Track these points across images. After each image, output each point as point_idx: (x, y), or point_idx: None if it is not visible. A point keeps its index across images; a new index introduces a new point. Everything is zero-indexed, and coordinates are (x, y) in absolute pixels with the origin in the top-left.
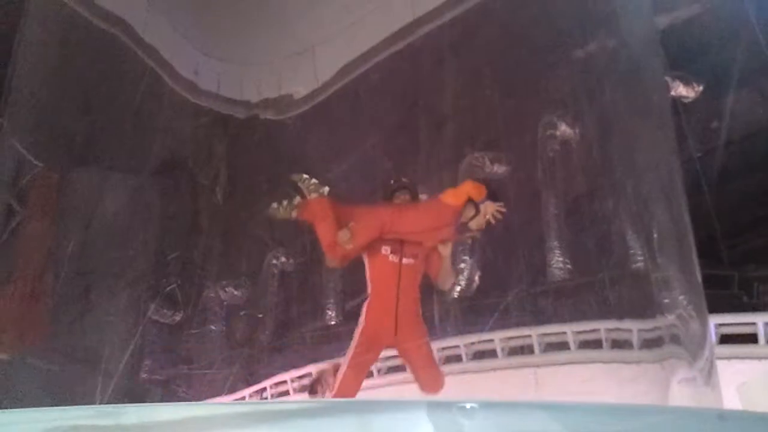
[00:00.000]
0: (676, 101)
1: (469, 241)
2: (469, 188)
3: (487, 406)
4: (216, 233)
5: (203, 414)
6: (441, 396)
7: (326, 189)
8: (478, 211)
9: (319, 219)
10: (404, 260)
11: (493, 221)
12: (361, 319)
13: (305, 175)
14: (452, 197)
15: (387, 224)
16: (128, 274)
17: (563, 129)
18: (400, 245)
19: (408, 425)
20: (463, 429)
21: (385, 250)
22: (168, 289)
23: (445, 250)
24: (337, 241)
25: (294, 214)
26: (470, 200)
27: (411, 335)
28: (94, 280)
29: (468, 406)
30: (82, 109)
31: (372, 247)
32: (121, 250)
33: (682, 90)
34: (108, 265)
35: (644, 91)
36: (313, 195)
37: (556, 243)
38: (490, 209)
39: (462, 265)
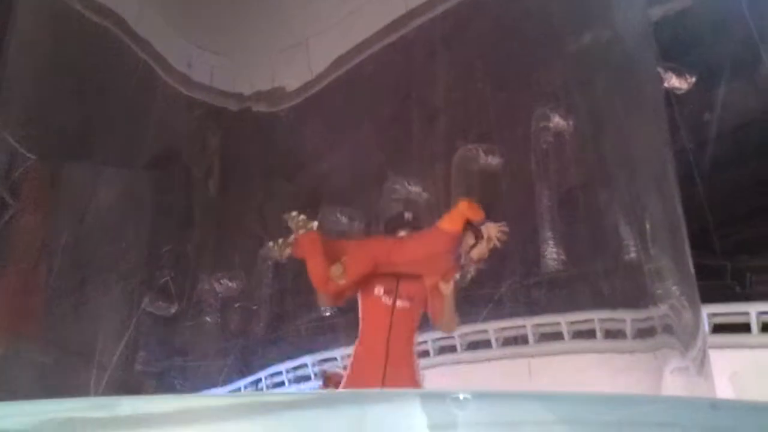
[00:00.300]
0: (669, 93)
1: (473, 273)
2: (464, 209)
3: (481, 396)
4: (210, 226)
5: (198, 405)
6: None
7: (315, 224)
8: (478, 238)
9: (309, 255)
10: (398, 303)
11: (498, 244)
12: (348, 365)
13: (294, 213)
14: (449, 223)
15: (381, 256)
16: (122, 267)
17: (556, 121)
18: (395, 285)
19: (401, 416)
20: (456, 419)
21: (379, 290)
22: (162, 281)
23: (447, 289)
24: (330, 277)
25: (288, 251)
26: (469, 225)
27: (400, 385)
28: (88, 273)
29: (461, 396)
30: (74, 102)
31: (366, 285)
32: (114, 243)
33: (674, 81)
34: (102, 258)
35: (637, 83)
36: (302, 231)
37: (549, 234)
38: (492, 231)
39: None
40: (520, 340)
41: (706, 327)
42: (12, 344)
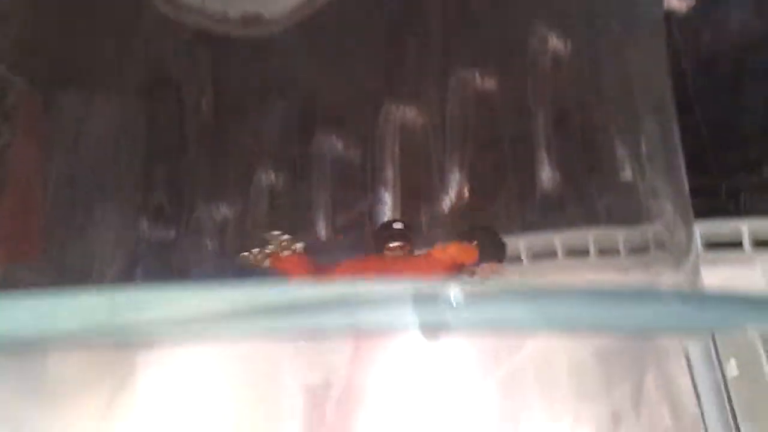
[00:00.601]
0: (669, 14)
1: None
2: (455, 253)
3: (472, 297)
4: (204, 151)
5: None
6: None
7: (300, 245)
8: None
9: (295, 278)
10: None
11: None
12: None
13: (276, 232)
14: (440, 254)
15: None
16: (118, 192)
17: (554, 43)
18: None
19: (393, 317)
20: (448, 321)
21: None
22: (158, 205)
23: None
24: None
25: (267, 263)
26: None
27: None
28: (84, 198)
29: (453, 299)
30: (64, 28)
31: None
32: (109, 168)
33: (674, 3)
34: (97, 182)
35: (636, 4)
36: (286, 252)
37: (545, 156)
38: (487, 273)
39: (452, 176)
40: (514, 258)
41: (699, 244)
42: (9, 269)
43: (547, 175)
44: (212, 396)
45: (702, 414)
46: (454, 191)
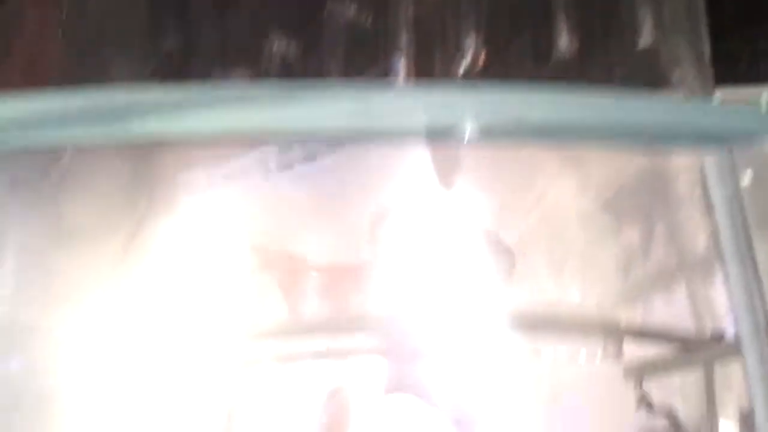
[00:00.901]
0: None
1: None
2: None
3: (486, 131)
4: (212, 15)
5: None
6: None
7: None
8: None
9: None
10: None
11: None
12: None
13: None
14: None
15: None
16: (127, 49)
17: None
18: None
19: (404, 154)
20: (459, 160)
21: None
22: (167, 69)
23: None
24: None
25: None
26: None
27: None
28: (93, 50)
29: (467, 136)
30: None
31: None
32: (117, 20)
33: None
34: (106, 35)
35: None
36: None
37: (563, 20)
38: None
39: (468, 40)
40: None
41: None
42: None
43: (564, 38)
44: (228, 239)
45: (716, 227)
46: (469, 55)
